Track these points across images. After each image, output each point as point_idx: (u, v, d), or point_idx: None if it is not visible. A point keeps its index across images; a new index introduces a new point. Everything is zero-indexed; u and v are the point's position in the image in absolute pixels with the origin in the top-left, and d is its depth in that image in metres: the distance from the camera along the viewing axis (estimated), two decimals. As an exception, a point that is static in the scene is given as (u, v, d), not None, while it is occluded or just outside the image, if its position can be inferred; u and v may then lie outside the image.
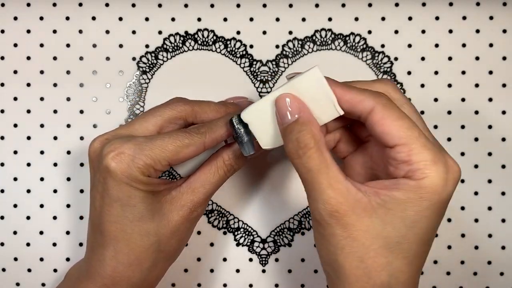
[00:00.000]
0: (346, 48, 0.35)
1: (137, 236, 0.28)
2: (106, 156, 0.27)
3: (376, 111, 0.25)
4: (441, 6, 0.35)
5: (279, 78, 0.36)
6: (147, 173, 0.28)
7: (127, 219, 0.28)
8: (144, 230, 0.28)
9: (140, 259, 0.28)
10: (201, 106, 0.31)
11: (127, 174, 0.27)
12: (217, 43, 0.36)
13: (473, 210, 0.36)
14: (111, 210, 0.28)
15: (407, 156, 0.24)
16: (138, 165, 0.27)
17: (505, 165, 0.36)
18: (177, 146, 0.28)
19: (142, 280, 0.29)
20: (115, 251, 0.28)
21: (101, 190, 0.28)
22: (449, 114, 0.36)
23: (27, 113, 0.36)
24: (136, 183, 0.27)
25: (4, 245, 0.37)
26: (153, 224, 0.28)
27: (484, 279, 0.36)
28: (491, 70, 0.35)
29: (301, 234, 0.36)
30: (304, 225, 0.36)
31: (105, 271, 0.28)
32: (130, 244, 0.28)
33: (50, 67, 0.36)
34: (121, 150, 0.27)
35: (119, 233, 0.28)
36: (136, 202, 0.28)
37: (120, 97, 0.36)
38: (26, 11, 0.36)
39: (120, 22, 0.36)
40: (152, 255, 0.29)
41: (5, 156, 0.36)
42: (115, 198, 0.28)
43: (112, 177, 0.27)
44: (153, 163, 0.27)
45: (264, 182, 0.36)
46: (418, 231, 0.25)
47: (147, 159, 0.27)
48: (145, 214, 0.28)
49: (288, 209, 0.36)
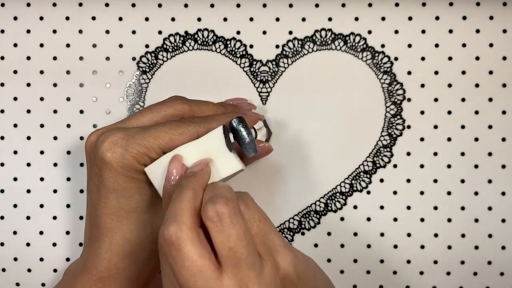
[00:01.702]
0: (346, 48, 0.35)
1: (133, 228, 0.28)
2: (100, 147, 0.28)
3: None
4: (441, 6, 0.35)
5: (279, 78, 0.36)
6: (142, 162, 0.28)
7: (123, 210, 0.28)
8: (140, 221, 0.28)
9: (136, 251, 0.29)
10: (199, 105, 0.31)
11: (122, 164, 0.27)
12: (217, 43, 0.36)
13: (473, 210, 0.36)
14: (107, 202, 0.28)
15: None
16: (132, 154, 0.27)
17: (505, 165, 0.36)
18: (171, 134, 0.28)
19: (138, 273, 0.29)
20: (110, 243, 0.28)
21: (97, 183, 0.28)
22: (449, 114, 0.36)
23: (27, 113, 0.36)
24: (131, 172, 0.28)
25: (4, 245, 0.37)
26: (149, 216, 0.29)
27: (484, 279, 0.36)
28: (491, 70, 0.35)
29: (301, 234, 0.36)
30: (304, 225, 0.36)
31: (100, 264, 0.28)
32: (126, 235, 0.28)
33: (50, 67, 0.36)
34: (114, 140, 0.28)
35: (115, 225, 0.28)
36: (132, 193, 0.28)
37: (120, 97, 0.36)
38: (26, 11, 0.36)
39: (120, 22, 0.36)
40: (148, 247, 0.29)
41: (5, 156, 0.36)
42: (111, 190, 0.28)
43: (107, 168, 0.27)
44: (147, 151, 0.28)
45: (264, 182, 0.36)
46: None
47: (140, 147, 0.27)
48: (141, 205, 0.28)
49: (288, 209, 0.36)
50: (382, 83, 0.36)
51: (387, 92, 0.36)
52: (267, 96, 0.36)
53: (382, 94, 0.36)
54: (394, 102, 0.36)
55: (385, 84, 0.36)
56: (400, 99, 0.36)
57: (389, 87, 0.36)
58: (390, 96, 0.36)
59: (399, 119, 0.36)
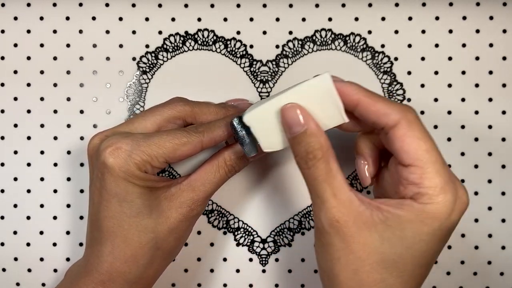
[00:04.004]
0: (346, 48, 0.35)
1: (134, 232, 0.28)
2: (103, 151, 0.28)
3: (400, 126, 0.25)
4: (441, 6, 0.35)
5: (279, 78, 0.36)
6: (144, 169, 0.28)
7: (125, 214, 0.28)
8: (141, 226, 0.28)
9: (136, 255, 0.29)
10: (201, 107, 0.31)
11: (124, 169, 0.27)
12: (217, 43, 0.36)
13: (473, 210, 0.36)
14: (109, 206, 0.28)
15: (419, 178, 0.24)
16: (135, 161, 0.27)
17: (505, 165, 0.36)
18: (175, 144, 0.28)
19: (138, 277, 0.29)
20: (112, 246, 0.28)
21: (99, 186, 0.28)
22: (449, 114, 0.36)
23: (27, 113, 0.36)
24: (133, 178, 0.28)
25: (4, 245, 0.37)
26: (151, 221, 0.29)
27: (484, 279, 0.36)
28: (491, 70, 0.35)
29: (301, 234, 0.36)
30: (304, 225, 0.36)
31: (102, 267, 0.28)
32: (127, 239, 0.28)
33: (50, 67, 0.36)
34: (118, 146, 0.28)
35: (116, 229, 0.28)
36: (133, 197, 0.28)
37: (120, 97, 0.36)
38: (26, 11, 0.36)
39: (120, 22, 0.36)
40: (149, 252, 0.29)
41: (5, 156, 0.36)
42: (112, 194, 0.28)
43: (109, 173, 0.27)
44: (150, 159, 0.28)
45: (264, 182, 0.36)
46: (415, 253, 0.25)
47: (144, 155, 0.28)
48: (143, 210, 0.28)
49: (288, 209, 0.36)
50: (382, 83, 0.36)
51: (387, 92, 0.36)
52: (267, 96, 0.36)
53: (382, 94, 0.36)
54: (394, 102, 0.36)
55: (385, 84, 0.36)
56: (400, 99, 0.36)
57: (389, 87, 0.36)
58: (390, 96, 0.36)
59: (399, 119, 0.36)
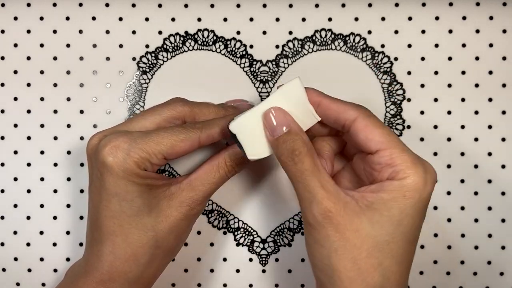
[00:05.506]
0: (346, 48, 0.35)
1: (135, 231, 0.28)
2: (102, 150, 0.28)
3: (360, 119, 0.27)
4: (441, 6, 0.35)
5: (279, 78, 0.36)
6: (143, 167, 0.28)
7: (125, 213, 0.28)
8: (141, 225, 0.28)
9: (137, 254, 0.29)
10: (200, 107, 0.31)
11: (123, 168, 0.27)
12: (217, 43, 0.36)
13: (473, 210, 0.36)
14: (109, 205, 0.28)
15: (390, 159, 0.26)
16: (133, 158, 0.27)
17: (505, 165, 0.36)
18: (172, 140, 0.28)
19: (138, 276, 0.29)
20: (112, 246, 0.28)
21: (99, 186, 0.28)
22: (449, 114, 0.36)
23: (27, 113, 0.36)
24: (132, 177, 0.28)
25: (4, 245, 0.37)
26: (151, 219, 0.29)
27: (484, 279, 0.36)
28: (491, 70, 0.35)
29: (301, 234, 0.36)
30: (304, 225, 0.36)
31: (102, 266, 0.28)
32: (127, 239, 0.28)
33: (50, 67, 0.36)
34: (116, 144, 0.28)
35: (116, 228, 0.28)
36: (133, 196, 0.28)
37: (120, 97, 0.36)
38: (26, 11, 0.36)
39: (120, 22, 0.36)
40: (149, 251, 0.29)
41: (5, 156, 0.36)
42: (112, 193, 0.28)
43: (109, 172, 0.28)
44: (148, 156, 0.28)
45: (264, 182, 0.36)
46: (403, 229, 0.26)
47: (142, 152, 0.28)
48: (143, 209, 0.28)
49: (288, 209, 0.36)
50: (382, 83, 0.36)
51: (387, 92, 0.36)
52: (267, 96, 0.36)
53: (382, 94, 0.36)
54: (394, 102, 0.36)
55: (385, 84, 0.36)
56: (400, 99, 0.36)
57: (389, 87, 0.36)
58: (390, 96, 0.36)
59: (399, 119, 0.36)
